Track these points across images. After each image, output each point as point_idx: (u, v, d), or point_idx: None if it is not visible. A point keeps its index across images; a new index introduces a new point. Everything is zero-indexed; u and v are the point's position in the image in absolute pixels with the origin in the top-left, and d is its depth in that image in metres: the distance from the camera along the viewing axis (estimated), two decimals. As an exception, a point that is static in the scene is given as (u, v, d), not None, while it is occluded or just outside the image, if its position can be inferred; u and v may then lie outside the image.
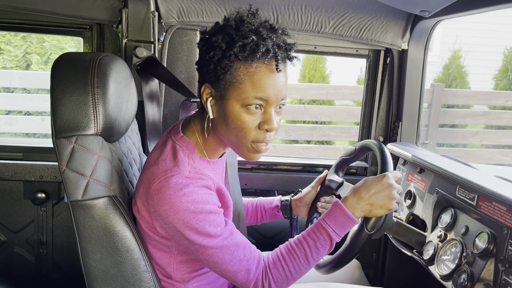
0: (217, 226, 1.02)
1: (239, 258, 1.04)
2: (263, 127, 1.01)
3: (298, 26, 1.70)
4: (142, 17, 1.54)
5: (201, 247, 1.02)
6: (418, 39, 1.75)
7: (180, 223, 0.99)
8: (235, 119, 1.00)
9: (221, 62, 0.98)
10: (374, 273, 2.00)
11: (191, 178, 1.01)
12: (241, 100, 0.99)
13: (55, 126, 1.03)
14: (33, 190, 1.75)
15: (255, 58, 0.97)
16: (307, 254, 1.08)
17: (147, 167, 1.08)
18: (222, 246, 1.03)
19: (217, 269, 1.05)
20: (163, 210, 0.99)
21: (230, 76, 0.99)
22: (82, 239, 1.06)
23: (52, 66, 1.08)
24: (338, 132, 5.03)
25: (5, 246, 1.81)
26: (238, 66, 0.98)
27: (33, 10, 1.56)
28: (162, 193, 0.99)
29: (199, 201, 1.00)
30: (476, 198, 1.22)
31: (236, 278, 1.05)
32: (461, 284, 1.16)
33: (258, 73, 0.98)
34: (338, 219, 1.09)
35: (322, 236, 1.08)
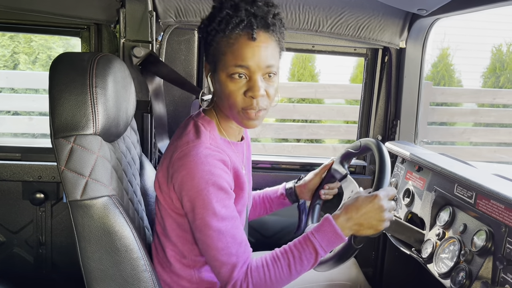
0: (224, 207, 1.06)
1: (231, 251, 1.06)
2: (248, 94, 1.07)
3: (296, 25, 1.70)
4: (139, 17, 1.54)
5: (201, 224, 1.05)
6: (416, 37, 1.75)
7: (193, 191, 1.04)
8: (224, 88, 1.08)
9: (207, 38, 1.08)
10: (373, 272, 2.00)
11: (211, 150, 1.07)
12: (225, 70, 1.06)
13: (54, 126, 1.03)
14: (31, 190, 1.75)
15: (232, 30, 1.04)
16: (290, 264, 1.10)
17: (170, 143, 1.15)
18: (221, 231, 1.05)
19: (207, 253, 1.08)
20: (181, 176, 1.05)
21: (214, 50, 1.08)
22: (81, 239, 1.06)
23: (51, 66, 1.08)
24: (327, 131, 5.04)
25: (4, 246, 1.81)
26: (220, 39, 1.06)
27: (31, 10, 1.56)
28: (183, 160, 1.05)
29: (215, 173, 1.04)
30: (474, 196, 1.22)
31: (220, 270, 1.07)
32: (460, 282, 1.17)
33: (236, 43, 1.04)
34: (327, 234, 1.10)
35: (308, 249, 1.10)
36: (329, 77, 5.79)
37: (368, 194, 1.13)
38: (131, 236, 1.07)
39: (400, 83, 1.82)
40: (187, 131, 1.12)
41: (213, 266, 1.09)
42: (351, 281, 1.56)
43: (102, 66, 1.07)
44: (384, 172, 1.17)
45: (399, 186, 1.65)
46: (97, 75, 1.05)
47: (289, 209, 1.65)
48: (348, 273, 1.59)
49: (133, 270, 1.08)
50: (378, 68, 1.87)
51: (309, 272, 1.40)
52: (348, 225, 1.11)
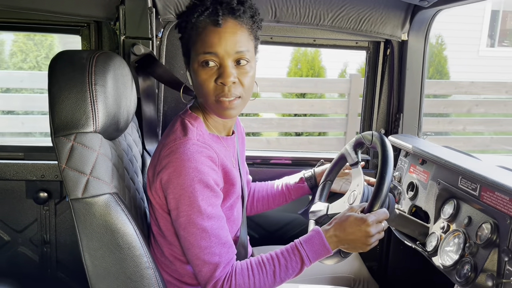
0: (210, 205, 1.06)
1: (214, 250, 1.06)
2: (218, 80, 1.07)
3: (296, 20, 1.69)
4: (139, 14, 1.53)
5: (185, 221, 1.05)
6: (418, 29, 1.73)
7: (178, 188, 1.04)
8: (196, 78, 1.10)
9: (180, 31, 1.12)
10: (378, 266, 2.00)
11: (198, 146, 1.08)
12: (196, 59, 1.08)
13: (54, 124, 1.03)
14: (35, 189, 1.75)
15: (198, 17, 1.06)
16: (275, 271, 1.10)
17: (159, 143, 1.16)
18: (205, 230, 1.05)
19: (189, 251, 1.08)
20: (167, 173, 1.05)
21: (186, 41, 1.11)
22: (83, 237, 1.06)
23: (50, 64, 1.08)
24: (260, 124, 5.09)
25: (9, 245, 1.81)
26: (190, 30, 1.09)
27: (30, 9, 1.55)
28: (170, 157, 1.06)
29: (202, 170, 1.05)
30: (478, 188, 1.21)
31: (201, 269, 1.07)
32: (465, 275, 1.16)
33: (204, 31, 1.07)
34: (315, 246, 1.13)
35: (294, 258, 1.12)
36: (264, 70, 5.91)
37: (358, 216, 1.14)
38: (133, 233, 1.07)
39: (403, 76, 1.80)
40: (174, 128, 1.13)
41: (194, 265, 1.08)
42: (354, 274, 1.56)
43: (101, 64, 1.07)
44: (381, 190, 1.17)
45: (403, 179, 1.64)
46: (96, 73, 1.04)
47: (293, 204, 1.64)
48: (351, 266, 1.59)
49: (136, 267, 1.08)
50: (380, 61, 1.85)
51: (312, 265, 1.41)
52: (334, 241, 1.14)
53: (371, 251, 1.96)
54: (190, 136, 1.09)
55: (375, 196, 1.17)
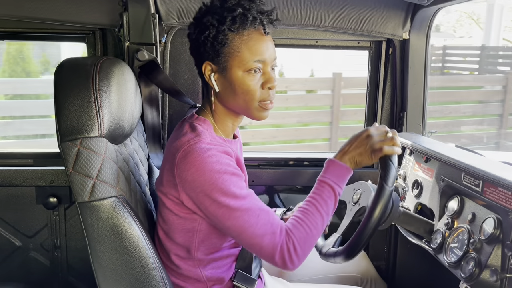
0: (241, 188, 1.08)
1: (264, 221, 1.07)
2: (265, 86, 1.13)
3: (298, 21, 1.70)
4: (142, 20, 1.56)
5: (228, 210, 1.05)
6: (419, 28, 1.74)
7: (207, 185, 1.04)
8: (241, 85, 1.11)
9: (217, 37, 1.09)
10: (385, 265, 2.00)
11: (212, 144, 1.09)
12: (243, 66, 1.10)
13: (60, 130, 1.05)
14: (45, 195, 1.78)
15: (246, 27, 1.09)
16: (318, 208, 1.12)
17: (168, 148, 1.15)
18: (248, 208, 1.06)
19: (243, 235, 1.07)
20: (190, 174, 1.05)
21: (227, 48, 1.10)
22: (91, 239, 1.08)
23: (55, 71, 1.10)
24: None
25: (21, 251, 1.85)
26: (233, 37, 1.09)
27: (37, 18, 1.59)
28: (188, 158, 1.06)
29: (223, 162, 1.06)
30: (481, 184, 1.22)
31: (263, 243, 1.06)
32: (469, 271, 1.16)
33: (251, 39, 1.10)
34: (334, 171, 1.16)
35: (325, 189, 1.14)
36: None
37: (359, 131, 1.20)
38: (139, 235, 1.09)
39: (405, 74, 1.81)
40: (183, 132, 1.13)
41: (253, 245, 1.08)
42: (361, 274, 1.57)
43: (105, 70, 1.09)
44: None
45: (407, 177, 1.65)
46: (100, 78, 1.07)
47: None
48: (358, 266, 1.59)
49: (143, 268, 1.10)
50: (383, 61, 1.86)
51: (320, 264, 1.42)
52: (346, 158, 1.17)
53: (378, 251, 1.99)
54: (203, 136, 1.10)
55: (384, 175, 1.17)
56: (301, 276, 1.51)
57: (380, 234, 1.98)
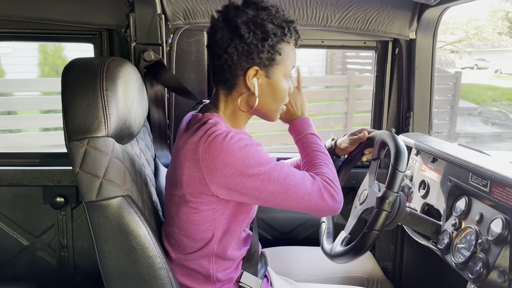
0: (267, 154, 1.13)
1: (296, 171, 1.15)
2: (290, 91, 1.25)
3: (304, 21, 1.70)
4: (149, 20, 1.57)
5: (266, 175, 1.09)
6: (426, 27, 1.73)
7: (240, 163, 1.07)
8: (282, 90, 1.20)
9: (275, 46, 1.14)
10: (392, 266, 1.99)
11: (229, 130, 1.12)
12: (285, 73, 1.19)
13: (67, 130, 1.05)
14: (52, 194, 1.79)
15: (291, 38, 1.17)
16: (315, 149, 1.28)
17: (180, 148, 1.14)
18: (281, 166, 1.13)
19: (289, 191, 1.12)
20: (220, 160, 1.07)
21: (279, 57, 1.16)
22: (98, 238, 1.09)
23: (63, 71, 1.11)
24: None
25: (28, 250, 1.86)
26: (284, 46, 1.16)
27: (44, 19, 1.60)
28: (212, 147, 1.07)
29: (244, 139, 1.11)
30: (489, 184, 1.21)
31: (307, 187, 1.14)
32: (477, 271, 1.15)
33: (291, 49, 1.18)
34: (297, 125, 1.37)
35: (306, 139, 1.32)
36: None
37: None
38: (146, 234, 1.09)
39: (412, 74, 1.80)
40: (196, 127, 1.13)
41: (302, 195, 1.13)
42: (368, 274, 1.56)
43: (111, 70, 1.09)
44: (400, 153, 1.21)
45: (414, 178, 1.64)
46: (107, 79, 1.07)
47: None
48: (365, 267, 1.59)
49: (149, 268, 1.10)
50: (389, 61, 1.85)
51: (326, 265, 1.42)
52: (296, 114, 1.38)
53: (385, 252, 1.98)
54: (218, 126, 1.12)
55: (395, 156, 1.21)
56: (307, 276, 1.51)
57: (387, 235, 1.97)
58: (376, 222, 1.19)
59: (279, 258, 1.59)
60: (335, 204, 1.16)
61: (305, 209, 1.16)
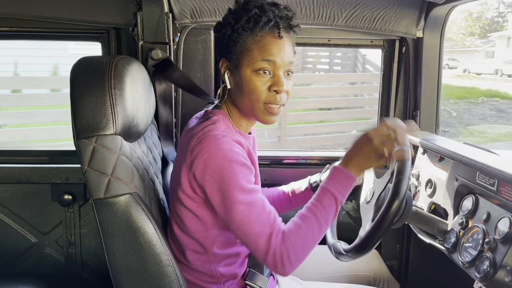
0: (248, 182, 1.08)
1: (263, 221, 1.06)
2: (272, 88, 1.14)
3: (310, 20, 1.70)
4: (156, 19, 1.58)
5: (231, 202, 1.05)
6: (433, 26, 1.73)
7: (217, 171, 1.05)
8: (248, 83, 1.13)
9: (232, 36, 1.13)
10: (398, 265, 1.99)
11: (226, 133, 1.12)
12: (251, 65, 1.12)
13: (76, 128, 1.06)
14: (60, 192, 1.81)
15: (259, 28, 1.11)
16: (317, 215, 1.09)
17: (182, 140, 1.18)
18: (250, 204, 1.06)
19: (240, 230, 1.07)
20: (203, 159, 1.07)
21: (240, 47, 1.13)
22: (106, 235, 1.10)
23: (71, 70, 1.12)
24: None
25: (36, 247, 1.88)
26: (246, 37, 1.12)
27: (53, 18, 1.62)
28: (201, 144, 1.08)
29: (235, 151, 1.08)
30: (496, 183, 1.20)
31: (258, 242, 1.06)
32: (484, 270, 1.15)
33: (263, 40, 1.12)
34: (338, 178, 1.13)
35: (326, 197, 1.11)
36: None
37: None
38: (153, 232, 1.10)
39: (419, 73, 1.80)
40: (198, 121, 1.16)
41: (249, 242, 1.08)
42: (374, 273, 1.56)
43: (119, 68, 1.10)
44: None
45: (420, 177, 1.64)
46: (115, 77, 1.08)
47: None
48: (371, 265, 1.59)
49: (156, 265, 1.11)
50: (396, 59, 1.85)
51: (332, 263, 1.41)
52: (351, 165, 1.13)
53: (391, 251, 1.97)
54: (218, 125, 1.13)
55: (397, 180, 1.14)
56: (313, 274, 1.52)
57: (393, 234, 1.97)
58: (381, 223, 1.17)
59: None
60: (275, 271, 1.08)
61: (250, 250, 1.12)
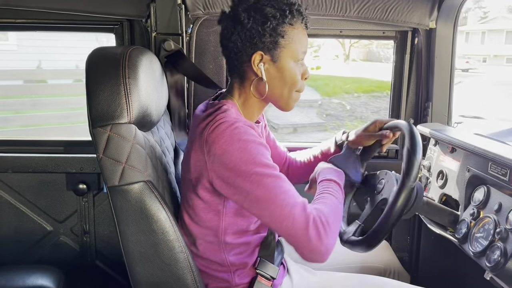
0: (269, 159, 1.09)
1: (293, 192, 1.07)
2: (304, 76, 1.22)
3: (322, 11, 1.70)
4: (169, 10, 1.59)
5: (257, 177, 1.04)
6: (446, 17, 1.71)
7: (236, 155, 1.05)
8: (292, 74, 1.18)
9: (277, 29, 1.14)
10: (408, 257, 1.99)
11: (238, 119, 1.13)
12: (294, 57, 1.18)
13: (91, 116, 1.09)
14: (75, 181, 1.84)
15: (297, 20, 1.17)
16: (331, 193, 1.16)
17: (193, 131, 1.19)
18: (277, 177, 1.06)
19: (274, 205, 1.04)
20: (219, 146, 1.07)
21: (283, 39, 1.15)
22: (120, 222, 1.12)
23: (87, 60, 1.14)
24: None
25: (52, 235, 1.92)
26: (287, 29, 1.16)
27: (68, 10, 1.64)
28: (216, 132, 1.09)
29: (249, 133, 1.09)
30: (508, 173, 1.20)
31: (295, 212, 1.03)
32: (495, 260, 1.15)
33: (300, 32, 1.18)
34: (327, 172, 1.25)
35: (330, 184, 1.20)
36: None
37: None
38: (166, 219, 1.12)
39: (431, 64, 1.79)
40: (208, 112, 1.16)
41: (285, 216, 1.03)
42: (384, 265, 1.57)
43: (133, 58, 1.12)
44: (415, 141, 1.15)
45: (432, 168, 1.64)
46: (129, 67, 1.10)
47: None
48: (382, 257, 1.59)
49: (170, 251, 1.13)
50: (408, 51, 1.84)
51: (342, 254, 1.42)
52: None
53: (401, 242, 1.98)
54: (229, 113, 1.13)
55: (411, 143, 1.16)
56: (324, 264, 1.50)
57: (403, 226, 1.97)
58: (390, 215, 1.16)
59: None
60: (319, 246, 1.02)
61: (285, 233, 1.05)
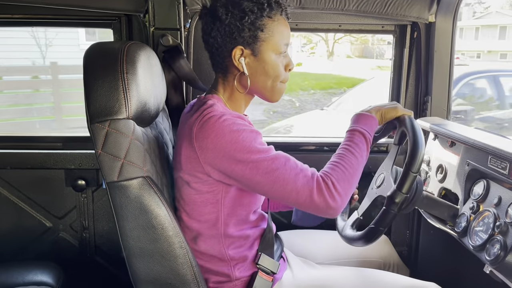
0: (263, 144, 1.11)
1: (293, 165, 1.10)
2: (287, 68, 1.22)
3: (321, 5, 1.69)
4: (167, 5, 1.58)
5: (254, 164, 1.08)
6: (446, 10, 1.71)
7: (229, 145, 1.07)
8: (274, 67, 1.19)
9: (255, 23, 1.15)
10: (408, 251, 1.99)
11: (225, 112, 1.13)
12: (275, 49, 1.18)
13: (89, 112, 1.08)
14: (73, 177, 1.84)
15: (276, 13, 1.17)
16: (351, 150, 1.16)
17: (182, 128, 1.19)
18: (274, 157, 1.09)
19: (276, 185, 1.08)
20: (210, 140, 1.09)
21: (262, 33, 1.16)
22: (119, 218, 1.12)
23: (84, 55, 1.13)
24: None
25: (51, 231, 1.92)
26: (266, 22, 1.16)
27: (65, 4, 1.63)
28: (205, 127, 1.10)
29: (239, 123, 1.11)
30: (508, 167, 1.20)
31: (297, 184, 1.08)
32: (494, 253, 1.15)
33: (280, 24, 1.18)
34: (361, 120, 1.23)
35: (355, 135, 1.19)
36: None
37: None
38: (166, 214, 1.12)
39: (431, 58, 1.78)
40: (196, 107, 1.17)
41: (289, 192, 1.08)
42: (384, 259, 1.57)
43: (131, 53, 1.11)
44: (416, 132, 1.19)
45: (431, 162, 1.63)
46: (127, 62, 1.09)
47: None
48: (381, 251, 1.59)
49: (169, 246, 1.13)
50: (407, 45, 1.83)
51: (342, 249, 1.42)
52: (372, 110, 1.27)
53: (401, 236, 1.98)
54: (215, 107, 1.14)
55: (413, 136, 1.19)
56: (325, 259, 1.53)
57: (403, 220, 1.97)
58: (383, 220, 1.18)
59: (295, 241, 1.60)
60: (328, 209, 1.08)
61: (294, 204, 1.12)
